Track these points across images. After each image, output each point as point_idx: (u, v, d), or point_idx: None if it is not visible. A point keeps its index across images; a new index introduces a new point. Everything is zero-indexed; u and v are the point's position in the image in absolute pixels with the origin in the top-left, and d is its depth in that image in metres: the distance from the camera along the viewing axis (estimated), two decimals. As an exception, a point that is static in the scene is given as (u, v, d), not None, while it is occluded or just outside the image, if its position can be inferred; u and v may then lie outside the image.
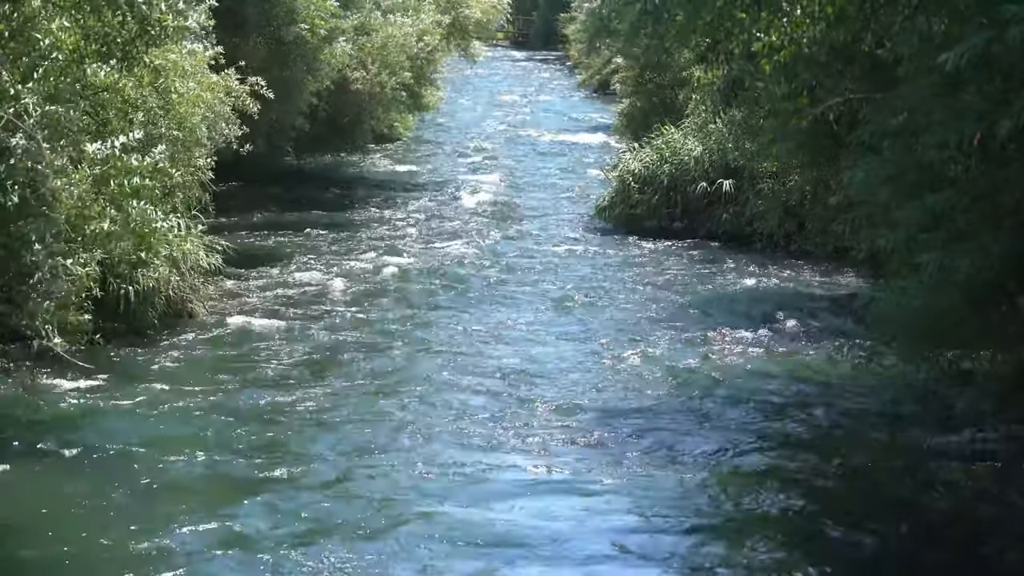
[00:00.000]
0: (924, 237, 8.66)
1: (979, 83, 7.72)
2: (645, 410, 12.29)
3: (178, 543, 8.98)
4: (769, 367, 13.73)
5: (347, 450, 10.95)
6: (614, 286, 17.78)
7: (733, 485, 10.39)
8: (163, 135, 14.18)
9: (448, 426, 11.67)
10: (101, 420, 11.46)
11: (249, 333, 14.56)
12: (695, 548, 9.28)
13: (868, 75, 10.76)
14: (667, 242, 20.47)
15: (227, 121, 16.39)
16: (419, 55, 26.69)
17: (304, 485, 10.11)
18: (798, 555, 9.16)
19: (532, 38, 69.40)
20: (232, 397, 12.25)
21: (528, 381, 13.14)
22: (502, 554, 9.08)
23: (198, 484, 10.20)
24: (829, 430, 11.82)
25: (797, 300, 16.84)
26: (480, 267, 18.87)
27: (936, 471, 10.67)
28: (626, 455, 11.02)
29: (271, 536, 9.17)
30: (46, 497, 9.72)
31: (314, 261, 18.72)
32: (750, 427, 11.85)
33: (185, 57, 15.06)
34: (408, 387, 12.86)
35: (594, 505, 9.95)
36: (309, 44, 20.88)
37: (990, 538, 9.29)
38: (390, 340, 14.65)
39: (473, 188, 26.36)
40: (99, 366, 12.67)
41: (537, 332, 15.29)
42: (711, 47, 10.86)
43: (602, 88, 43.36)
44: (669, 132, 21.79)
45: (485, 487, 10.27)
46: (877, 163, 9.14)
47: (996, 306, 8.97)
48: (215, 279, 15.88)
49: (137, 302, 13.44)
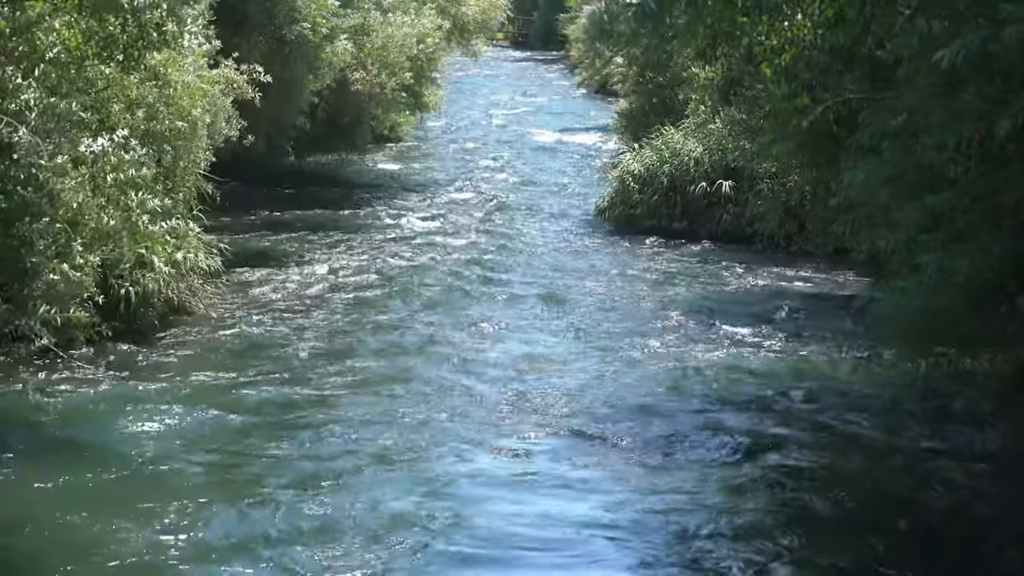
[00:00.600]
0: (924, 238, 8.68)
1: (978, 83, 7.74)
2: (645, 410, 12.30)
3: (178, 542, 8.99)
4: (769, 367, 13.75)
5: (347, 449, 10.95)
6: (614, 286, 17.79)
7: (731, 484, 10.41)
8: (165, 131, 14.20)
9: (448, 425, 11.69)
10: (101, 419, 11.47)
11: (249, 333, 14.56)
12: (693, 547, 9.29)
13: (868, 76, 10.78)
14: (667, 243, 20.49)
15: (228, 120, 16.40)
16: (419, 55, 26.69)
17: (305, 484, 10.11)
18: (796, 554, 9.17)
19: (532, 38, 69.39)
20: (233, 397, 12.25)
21: (528, 381, 13.16)
22: (500, 553, 9.11)
23: (198, 483, 10.20)
24: (828, 429, 11.84)
25: (797, 300, 16.86)
26: (480, 267, 18.87)
27: (935, 470, 10.69)
28: (626, 454, 11.04)
29: (272, 535, 9.18)
30: (46, 496, 9.73)
31: (313, 261, 18.72)
32: (749, 426, 11.87)
33: (183, 53, 15.04)
34: (408, 386, 12.88)
35: (593, 504, 9.97)
36: (310, 43, 20.89)
37: (989, 536, 9.31)
38: (390, 339, 14.66)
39: (473, 188, 26.37)
40: (99, 365, 12.70)
41: (537, 332, 15.31)
42: (711, 48, 10.87)
43: (602, 88, 43.39)
44: (669, 132, 21.81)
45: (485, 487, 10.28)
46: (877, 164, 9.16)
47: (996, 306, 8.98)
48: (215, 278, 15.88)
49: (137, 301, 13.46)
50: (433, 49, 27.73)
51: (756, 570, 8.97)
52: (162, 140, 14.57)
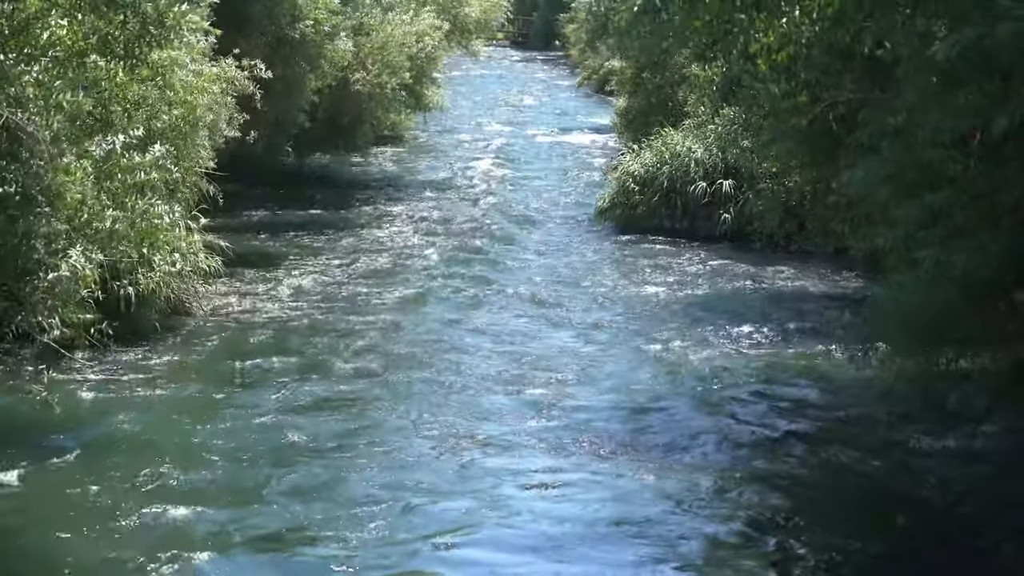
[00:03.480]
0: (922, 235, 8.69)
1: (977, 81, 7.75)
2: (644, 409, 12.33)
3: (178, 542, 9.02)
4: (768, 365, 13.78)
5: (348, 449, 10.98)
6: (614, 286, 17.81)
7: (730, 482, 10.43)
8: (166, 129, 14.20)
9: (447, 424, 11.70)
10: (102, 419, 11.51)
11: (249, 333, 14.59)
12: (692, 546, 9.32)
13: (867, 75, 10.79)
14: (667, 242, 20.50)
15: (229, 119, 16.42)
16: (419, 55, 26.70)
17: (306, 484, 10.14)
18: (795, 551, 9.20)
19: (532, 38, 69.38)
20: (233, 397, 12.29)
21: (527, 381, 13.18)
22: (500, 552, 9.13)
23: (198, 483, 10.22)
24: (826, 426, 11.87)
25: (796, 299, 16.90)
26: (479, 267, 18.89)
27: (932, 466, 10.72)
28: (625, 454, 11.06)
29: (272, 535, 9.22)
30: (46, 495, 9.76)
31: (313, 261, 18.75)
32: (748, 425, 11.89)
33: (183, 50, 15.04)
34: (408, 386, 12.90)
35: (593, 504, 9.99)
36: (311, 41, 20.91)
37: (986, 532, 9.33)
38: (390, 339, 14.68)
39: (473, 188, 26.39)
40: (100, 365, 12.73)
41: (537, 332, 15.32)
42: (709, 46, 10.88)
43: (602, 88, 43.40)
44: (668, 133, 21.83)
45: (484, 486, 10.30)
46: (876, 162, 9.17)
47: (993, 303, 9.00)
48: (215, 279, 15.91)
49: (138, 302, 13.48)
50: (433, 48, 27.74)
51: (755, 568, 8.99)
52: (163, 139, 14.58)
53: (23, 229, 10.09)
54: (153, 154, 12.32)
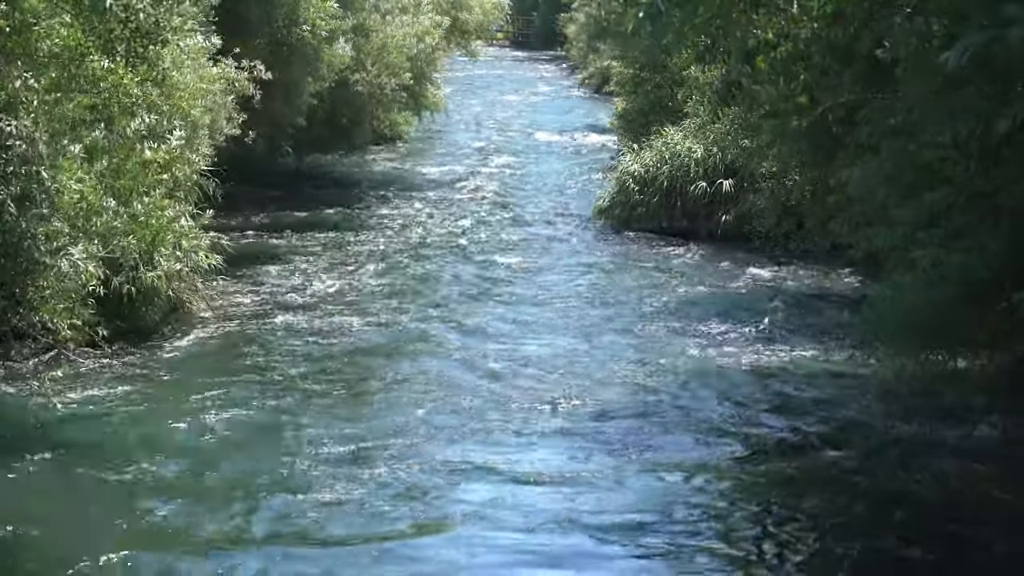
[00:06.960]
0: (921, 235, 8.71)
1: (979, 84, 7.75)
2: (644, 409, 12.34)
3: (178, 540, 9.03)
4: (767, 364, 13.79)
5: (347, 447, 10.98)
6: (614, 286, 17.82)
7: (728, 481, 10.46)
8: (166, 129, 14.21)
9: (446, 424, 11.72)
10: (102, 418, 11.51)
11: (250, 332, 14.61)
12: (690, 546, 9.32)
13: (866, 75, 10.79)
14: (667, 242, 20.51)
15: (228, 119, 16.43)
16: (419, 56, 26.70)
17: (306, 484, 10.14)
18: (792, 550, 9.22)
19: (532, 38, 69.46)
20: (233, 396, 12.29)
21: (527, 380, 13.19)
22: (499, 552, 9.15)
23: (199, 482, 10.24)
24: (823, 425, 11.88)
25: (796, 298, 16.91)
26: (479, 267, 18.90)
27: (928, 465, 10.73)
28: (625, 453, 11.07)
29: (273, 535, 9.23)
30: (46, 494, 9.77)
31: (313, 261, 18.76)
32: (747, 424, 11.91)
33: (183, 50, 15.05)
34: (408, 385, 12.91)
35: (591, 504, 9.99)
36: (310, 45, 20.91)
37: (980, 530, 9.35)
38: (390, 339, 14.70)
39: (473, 188, 26.39)
40: (100, 364, 12.74)
41: (537, 332, 15.34)
42: (708, 47, 10.87)
43: (601, 88, 43.42)
44: (668, 133, 21.83)
45: (484, 486, 10.32)
46: (875, 163, 9.19)
47: (991, 303, 9.01)
48: (215, 278, 15.92)
49: (139, 301, 13.48)
50: (432, 49, 27.74)
51: (754, 566, 9.01)
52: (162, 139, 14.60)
53: (21, 227, 10.11)
54: (170, 142, 12.24)
